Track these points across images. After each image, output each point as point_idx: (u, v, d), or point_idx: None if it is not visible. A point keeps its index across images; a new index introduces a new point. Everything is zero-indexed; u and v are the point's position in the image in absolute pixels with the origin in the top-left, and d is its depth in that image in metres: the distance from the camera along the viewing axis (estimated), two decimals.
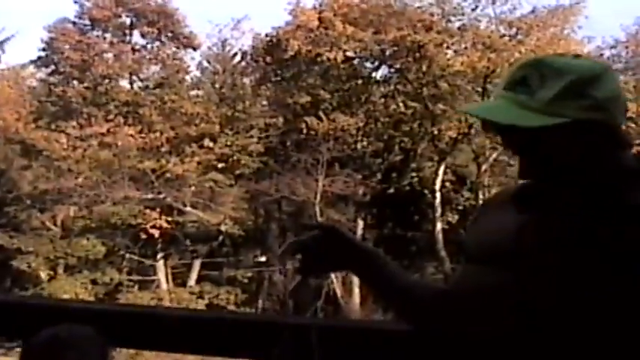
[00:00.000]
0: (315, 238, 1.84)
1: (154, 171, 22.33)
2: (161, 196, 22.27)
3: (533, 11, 22.36)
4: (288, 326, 2.98)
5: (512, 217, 1.72)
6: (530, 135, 1.62)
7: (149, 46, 25.25)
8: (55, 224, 23.34)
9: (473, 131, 21.68)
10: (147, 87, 25.18)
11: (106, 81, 24.06)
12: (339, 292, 22.70)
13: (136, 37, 25.09)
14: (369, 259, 1.85)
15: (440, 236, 22.18)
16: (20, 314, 2.75)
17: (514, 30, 22.38)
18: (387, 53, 22.92)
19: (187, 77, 26.02)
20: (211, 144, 22.67)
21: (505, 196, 1.82)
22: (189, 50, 25.49)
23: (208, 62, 26.21)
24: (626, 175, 1.65)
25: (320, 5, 23.45)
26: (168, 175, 22.30)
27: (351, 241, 1.86)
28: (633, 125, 19.79)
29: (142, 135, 22.73)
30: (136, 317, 3.21)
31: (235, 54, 25.40)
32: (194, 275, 23.59)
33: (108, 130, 22.64)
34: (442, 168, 22.78)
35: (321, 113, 22.71)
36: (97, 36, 24.61)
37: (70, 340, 2.45)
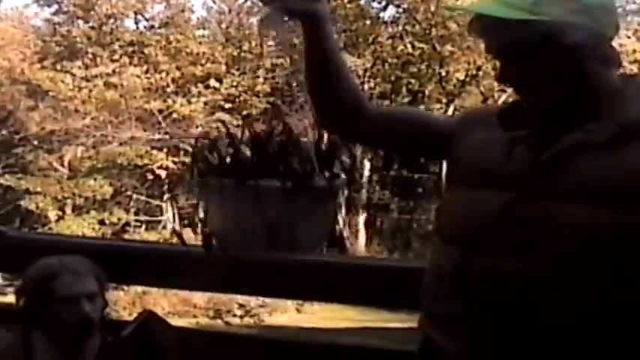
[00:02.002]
0: None
1: (160, 111, 22.26)
2: (167, 136, 22.24)
3: None
4: (292, 262, 2.98)
5: (499, 135, 1.75)
6: (519, 47, 1.64)
7: None
8: (62, 165, 23.37)
9: (481, 73, 21.54)
10: (152, 27, 24.97)
11: (111, 20, 23.85)
12: (344, 234, 22.76)
13: None
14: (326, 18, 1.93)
15: (446, 179, 22.11)
16: (22, 250, 2.76)
17: None
18: None
19: (193, 17, 25.78)
20: (217, 84, 22.54)
21: (486, 116, 1.84)
22: None
23: (214, 1, 25.98)
24: (609, 95, 1.65)
25: None
26: (174, 115, 22.24)
27: None
28: None
29: (148, 75, 22.61)
30: (143, 254, 3.21)
31: None
32: (201, 215, 23.60)
33: (113, 71, 22.51)
34: (450, 110, 22.64)
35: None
36: None
37: (64, 265, 2.45)
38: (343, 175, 1.75)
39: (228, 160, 1.69)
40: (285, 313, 18.23)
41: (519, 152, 1.69)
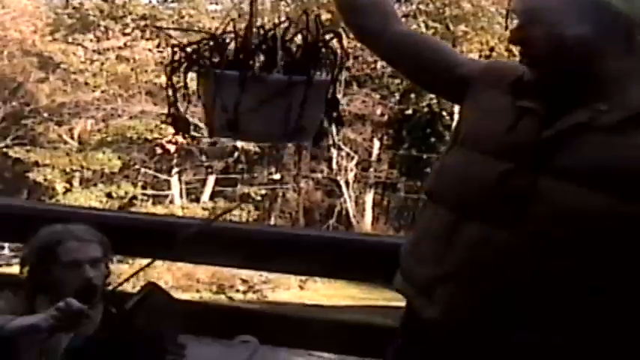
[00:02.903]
0: None
1: None
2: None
3: None
4: (297, 237, 2.98)
5: (509, 102, 1.74)
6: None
7: None
8: (72, 137, 23.40)
9: (494, 54, 21.43)
10: (165, 0, 24.91)
11: None
12: (351, 212, 22.81)
13: None
14: None
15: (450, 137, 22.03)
16: (29, 220, 2.77)
17: None
18: None
19: None
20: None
21: (506, 75, 1.81)
22: None
23: None
24: (621, 78, 1.63)
25: None
26: (184, 90, 22.17)
27: None
28: None
29: (159, 49, 22.59)
30: (149, 226, 3.22)
31: None
32: (208, 191, 23.70)
33: (125, 44, 22.51)
34: None
35: (340, 30, 22.42)
36: None
37: (68, 231, 2.48)
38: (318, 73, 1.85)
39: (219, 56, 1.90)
40: (288, 290, 18.32)
41: (524, 124, 1.68)
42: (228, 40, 1.91)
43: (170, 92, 2.00)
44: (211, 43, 1.92)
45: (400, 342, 1.94)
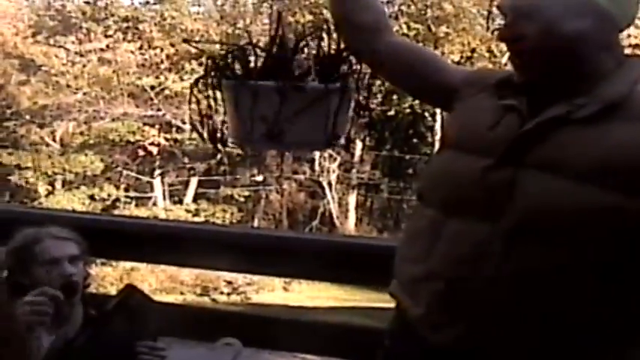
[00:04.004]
0: None
1: (152, 88, 22.18)
2: (160, 113, 22.19)
3: None
4: (281, 240, 2.98)
5: (493, 103, 1.77)
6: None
7: None
8: (54, 140, 23.30)
9: (476, 55, 21.51)
10: (147, 2, 24.81)
11: None
12: (334, 213, 22.82)
13: None
14: None
15: (439, 140, 22.11)
16: (8, 224, 2.75)
17: None
18: None
19: None
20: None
21: (486, 81, 1.85)
22: None
23: None
24: (601, 75, 1.66)
25: None
26: (167, 92, 22.17)
27: None
28: None
29: (142, 51, 22.54)
30: (130, 229, 3.21)
31: None
32: (191, 193, 23.66)
33: (107, 46, 22.43)
34: None
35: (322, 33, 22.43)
36: None
37: (44, 231, 2.48)
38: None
39: (237, 66, 1.87)
40: (273, 291, 18.31)
41: (506, 121, 1.71)
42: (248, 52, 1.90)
43: (204, 104, 1.97)
44: (236, 53, 1.90)
45: (389, 344, 1.95)
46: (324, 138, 1.83)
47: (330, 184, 22.90)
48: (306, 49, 1.88)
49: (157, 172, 23.59)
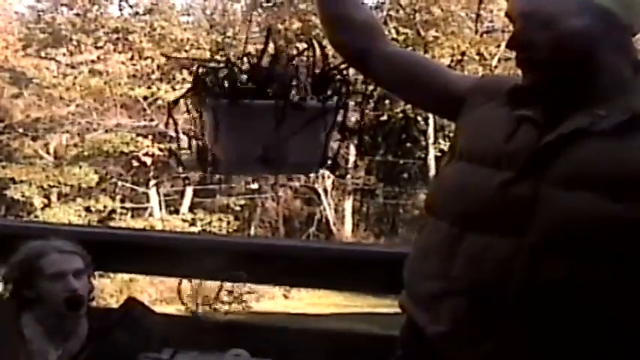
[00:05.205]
0: None
1: (145, 98, 22.17)
2: (153, 123, 22.17)
3: None
4: (280, 248, 3.00)
5: (506, 113, 1.72)
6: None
7: None
8: (47, 152, 23.26)
9: (466, 58, 21.53)
10: (136, 13, 24.80)
11: (95, 7, 23.68)
12: (331, 219, 22.82)
13: None
14: None
15: (432, 163, 22.17)
16: (8, 238, 2.76)
17: None
18: None
19: (177, 3, 25.70)
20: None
21: (500, 88, 1.79)
22: None
23: None
24: (619, 83, 1.63)
25: None
26: (159, 102, 22.15)
27: None
28: None
29: (133, 62, 22.51)
30: (128, 241, 3.23)
31: None
32: (187, 202, 23.63)
33: (98, 58, 22.39)
34: None
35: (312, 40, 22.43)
36: None
37: (49, 245, 2.49)
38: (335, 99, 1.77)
39: (225, 83, 1.71)
40: (273, 299, 18.28)
41: (522, 132, 1.67)
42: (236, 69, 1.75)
43: (196, 125, 1.80)
44: (225, 70, 1.75)
45: (402, 354, 1.91)
46: (320, 159, 1.73)
47: (325, 190, 22.88)
48: (298, 66, 1.79)
49: (152, 182, 23.57)
